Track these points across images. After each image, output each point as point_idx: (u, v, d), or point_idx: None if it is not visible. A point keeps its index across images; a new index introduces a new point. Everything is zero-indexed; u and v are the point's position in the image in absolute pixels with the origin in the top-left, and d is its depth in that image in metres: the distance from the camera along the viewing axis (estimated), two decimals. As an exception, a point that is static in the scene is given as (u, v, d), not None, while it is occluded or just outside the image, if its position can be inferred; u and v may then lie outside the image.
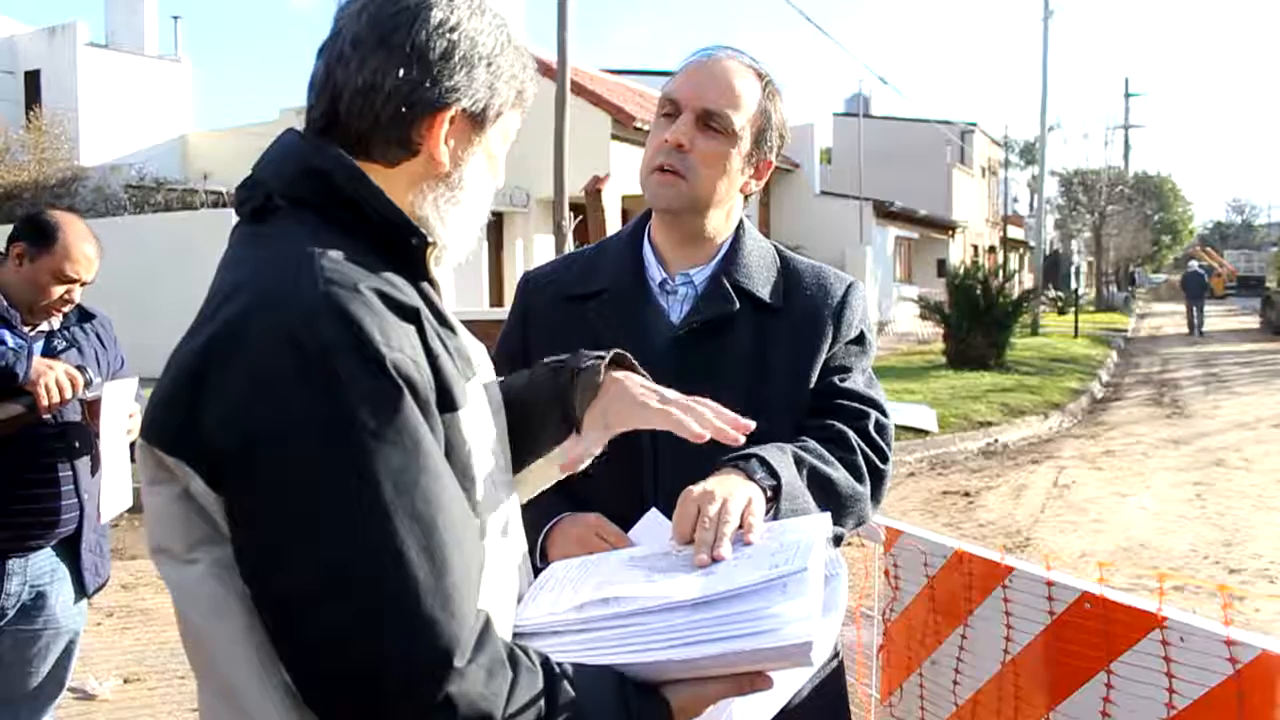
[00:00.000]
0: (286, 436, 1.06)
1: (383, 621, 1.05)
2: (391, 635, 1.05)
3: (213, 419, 1.08)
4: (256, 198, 1.26)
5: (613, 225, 11.92)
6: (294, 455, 1.06)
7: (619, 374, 1.50)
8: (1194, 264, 42.63)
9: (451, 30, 1.26)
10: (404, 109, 1.25)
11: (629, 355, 1.55)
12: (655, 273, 1.95)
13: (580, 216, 12.37)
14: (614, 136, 19.57)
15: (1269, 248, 54.74)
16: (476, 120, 1.30)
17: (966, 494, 9.83)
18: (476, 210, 1.35)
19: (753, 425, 1.44)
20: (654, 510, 1.74)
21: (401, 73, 1.24)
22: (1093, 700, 2.00)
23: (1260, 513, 8.85)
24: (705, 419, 1.41)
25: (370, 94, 1.24)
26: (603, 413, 1.46)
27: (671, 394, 1.46)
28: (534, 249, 20.23)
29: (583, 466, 1.47)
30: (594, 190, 12.16)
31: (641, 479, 1.78)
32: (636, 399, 1.44)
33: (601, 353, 1.53)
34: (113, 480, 3.08)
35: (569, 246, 12.52)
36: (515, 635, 1.29)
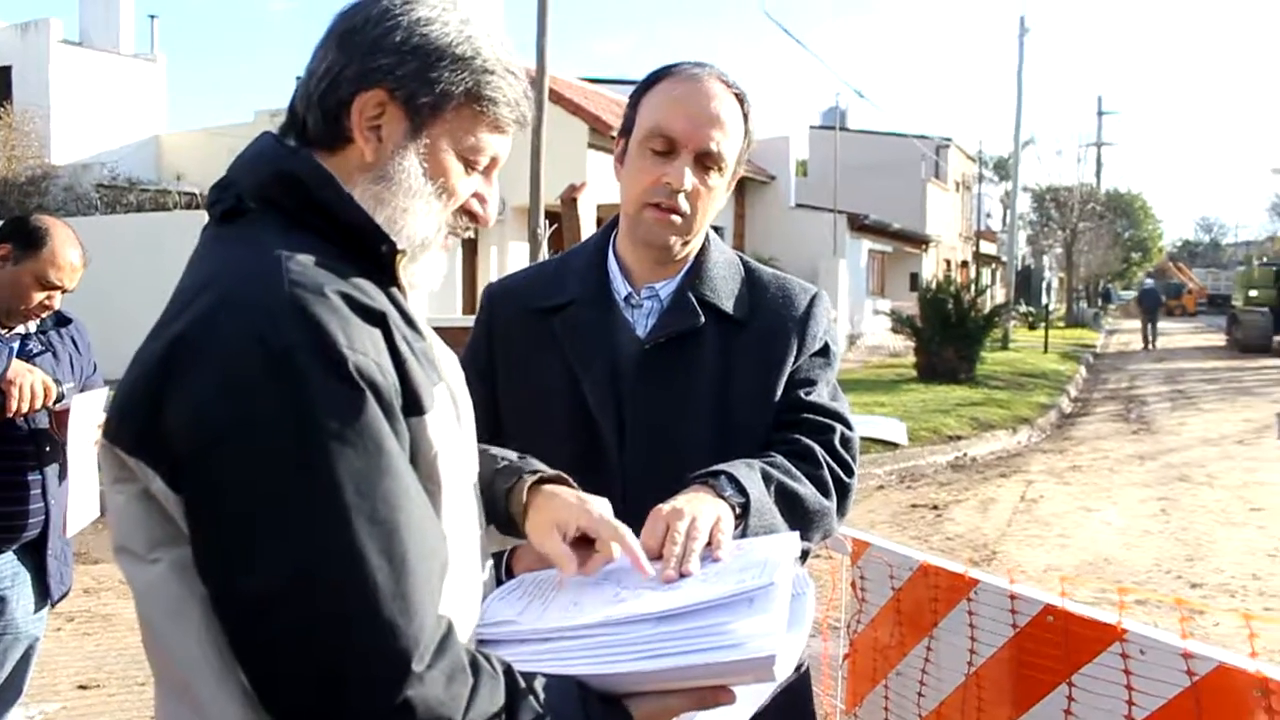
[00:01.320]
0: (246, 438, 1.06)
1: (340, 624, 1.05)
2: (349, 638, 1.05)
3: (174, 419, 1.08)
4: (228, 199, 1.26)
5: (588, 233, 11.90)
6: (253, 456, 1.06)
7: (553, 487, 1.53)
8: (1149, 281, 43.42)
9: (391, 19, 1.27)
10: (331, 88, 1.27)
11: (565, 477, 1.57)
12: (620, 286, 1.94)
13: (555, 224, 12.37)
14: (591, 145, 19.58)
15: (1236, 266, 55.30)
16: (411, 114, 1.28)
17: (935, 507, 9.88)
18: (412, 218, 1.29)
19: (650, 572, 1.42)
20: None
21: (335, 54, 1.27)
22: (1054, 711, 2.02)
23: (1223, 528, 8.95)
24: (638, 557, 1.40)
25: (309, 78, 1.29)
26: (551, 523, 1.45)
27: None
28: (508, 256, 20.19)
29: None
30: (570, 198, 12.16)
31: (609, 498, 1.78)
32: (583, 506, 1.46)
33: (538, 469, 1.57)
34: (79, 492, 3.06)
35: (544, 254, 12.52)
36: (479, 643, 1.29)
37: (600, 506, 1.46)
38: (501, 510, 1.52)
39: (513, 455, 1.63)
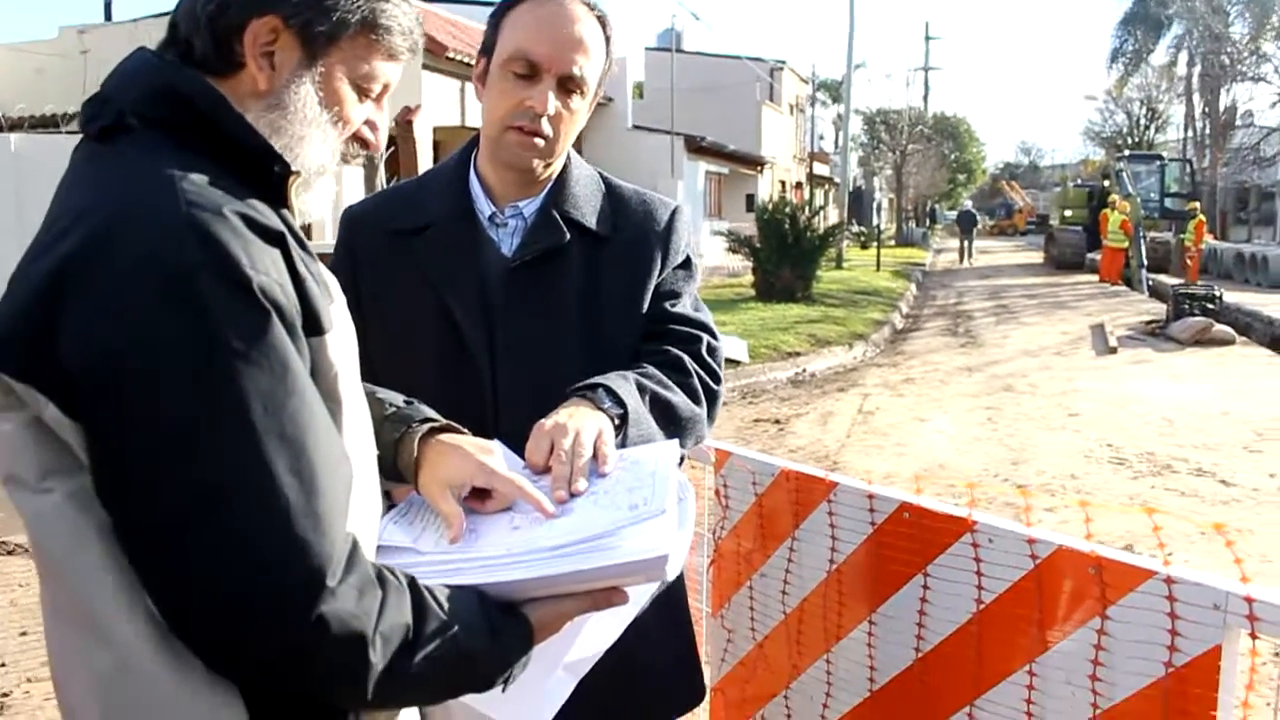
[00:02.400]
0: (150, 360, 1.04)
1: (253, 544, 1.05)
2: (263, 558, 1.05)
3: (70, 343, 1.05)
4: (106, 115, 1.20)
5: (424, 156, 11.72)
6: (158, 379, 1.04)
7: (446, 438, 1.51)
8: (968, 202, 45.96)
9: None
10: (220, 11, 1.22)
11: (456, 426, 1.56)
12: (484, 205, 1.94)
13: (391, 148, 12.09)
14: (426, 67, 19.10)
15: (1053, 187, 58.09)
16: (305, 42, 1.25)
17: (777, 421, 10.19)
18: (307, 146, 1.28)
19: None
20: (498, 443, 1.76)
21: None
22: (911, 599, 2.16)
23: (1043, 433, 9.52)
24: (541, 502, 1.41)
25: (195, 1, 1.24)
26: (444, 481, 1.45)
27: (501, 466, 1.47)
28: (343, 182, 19.56)
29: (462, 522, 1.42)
30: (405, 121, 11.90)
31: (484, 418, 1.79)
32: (479, 461, 1.46)
33: (429, 417, 1.56)
34: None
35: (380, 178, 12.25)
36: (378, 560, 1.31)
37: (495, 461, 1.46)
38: (389, 460, 1.50)
39: (399, 399, 1.61)
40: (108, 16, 23.54)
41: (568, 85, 1.84)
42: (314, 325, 1.18)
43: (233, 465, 1.05)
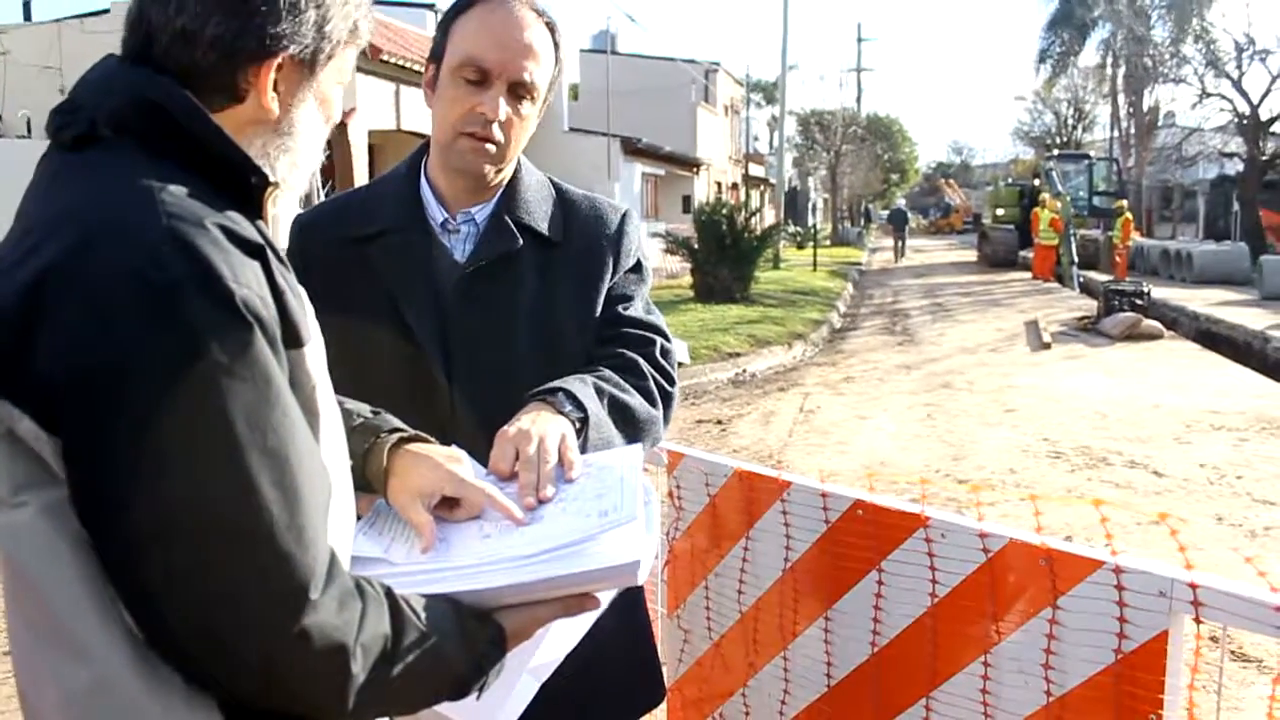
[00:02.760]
0: (134, 374, 1.02)
1: (237, 558, 1.04)
2: (247, 571, 1.05)
3: (49, 357, 1.03)
4: (78, 124, 1.18)
5: (359, 160, 11.62)
6: (142, 393, 1.03)
7: (414, 448, 1.52)
8: (901, 202, 47.13)
9: None
10: (227, 58, 1.20)
11: (424, 435, 1.57)
12: (436, 212, 1.94)
13: (326, 152, 11.99)
14: (360, 70, 18.93)
15: (984, 187, 59.05)
16: (307, 65, 1.26)
17: (719, 422, 10.25)
18: (308, 155, 1.32)
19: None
20: (463, 452, 1.75)
21: (221, 19, 1.19)
22: (866, 594, 2.20)
23: (982, 429, 9.67)
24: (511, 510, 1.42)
25: (188, 40, 1.20)
26: (415, 491, 1.46)
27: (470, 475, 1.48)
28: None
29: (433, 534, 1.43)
30: (339, 125, 11.80)
31: (440, 426, 1.78)
32: (448, 470, 1.47)
33: (396, 427, 1.56)
34: None
35: (316, 183, 12.15)
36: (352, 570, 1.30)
37: (464, 470, 1.47)
38: (357, 471, 1.49)
39: (366, 410, 1.61)
40: (27, 16, 22.99)
41: (518, 91, 1.84)
42: (293, 338, 1.17)
43: (215, 480, 1.04)
